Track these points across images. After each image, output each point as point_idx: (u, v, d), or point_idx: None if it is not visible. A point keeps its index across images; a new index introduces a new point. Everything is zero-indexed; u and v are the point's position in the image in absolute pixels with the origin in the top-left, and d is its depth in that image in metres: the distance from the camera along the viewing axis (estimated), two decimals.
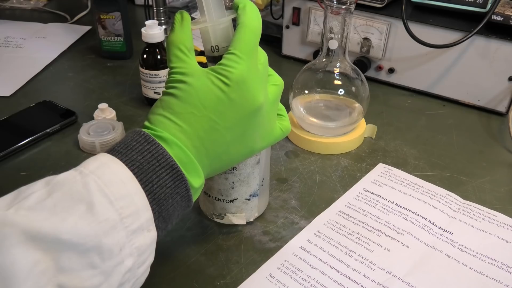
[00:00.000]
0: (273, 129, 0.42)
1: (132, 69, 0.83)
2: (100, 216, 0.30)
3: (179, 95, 0.36)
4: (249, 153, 0.41)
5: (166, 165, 0.34)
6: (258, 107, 0.38)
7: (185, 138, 0.36)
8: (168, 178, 0.34)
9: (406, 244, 0.48)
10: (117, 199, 0.31)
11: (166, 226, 0.36)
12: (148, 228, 0.32)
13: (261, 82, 0.38)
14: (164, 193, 0.34)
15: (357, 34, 0.77)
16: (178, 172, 0.34)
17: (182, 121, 0.36)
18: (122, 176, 0.32)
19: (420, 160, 0.62)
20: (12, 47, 0.91)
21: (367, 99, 0.63)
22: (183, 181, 0.35)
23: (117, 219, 0.30)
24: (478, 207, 0.53)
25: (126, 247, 0.31)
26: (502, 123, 0.71)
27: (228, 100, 0.37)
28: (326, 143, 0.62)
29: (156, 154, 0.34)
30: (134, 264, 0.31)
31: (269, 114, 0.40)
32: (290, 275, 0.45)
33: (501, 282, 0.44)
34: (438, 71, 0.74)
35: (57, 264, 0.28)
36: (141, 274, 0.33)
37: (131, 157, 0.33)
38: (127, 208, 0.31)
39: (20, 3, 1.13)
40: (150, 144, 0.34)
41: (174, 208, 0.35)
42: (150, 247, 0.33)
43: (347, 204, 0.54)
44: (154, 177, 0.33)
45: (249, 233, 0.50)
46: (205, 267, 0.46)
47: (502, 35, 0.68)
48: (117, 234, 0.30)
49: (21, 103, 0.72)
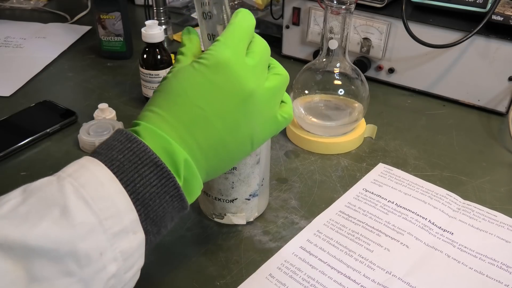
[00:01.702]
0: (274, 117, 0.40)
1: (132, 69, 0.83)
2: (75, 220, 0.28)
3: (163, 87, 0.36)
4: (249, 144, 0.38)
5: (149, 162, 0.32)
6: (248, 94, 0.36)
7: (169, 129, 0.34)
8: (153, 177, 0.32)
9: (406, 244, 0.48)
10: (95, 201, 0.29)
11: (159, 230, 0.33)
12: (133, 230, 0.30)
13: (252, 69, 0.36)
14: (149, 193, 0.31)
15: (357, 34, 0.77)
16: (163, 169, 0.32)
17: (166, 111, 0.34)
18: (101, 176, 0.30)
19: (420, 160, 0.62)
20: (12, 47, 0.91)
21: (367, 99, 0.63)
22: (170, 179, 0.32)
23: (95, 222, 0.28)
24: (478, 207, 0.53)
25: (108, 251, 0.29)
26: (502, 123, 0.71)
27: (211, 84, 0.35)
28: (326, 143, 0.62)
29: (138, 152, 0.32)
30: (119, 269, 0.30)
31: (268, 102, 0.38)
32: (290, 275, 0.45)
33: (501, 282, 0.44)
34: (438, 71, 0.74)
35: (29, 273, 0.26)
36: (129, 279, 0.31)
37: (111, 156, 0.31)
38: (106, 210, 0.29)
39: (20, 3, 1.13)
40: (131, 142, 0.32)
41: (164, 209, 0.33)
42: (137, 250, 0.31)
43: (347, 204, 0.54)
44: (136, 176, 0.31)
45: (249, 233, 0.50)
46: (205, 267, 0.46)
47: (502, 35, 0.68)
48: (96, 238, 0.28)
49: (21, 103, 0.72)
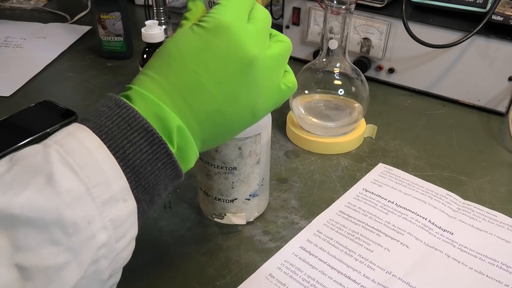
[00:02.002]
0: (277, 87, 0.38)
1: (132, 69, 0.83)
2: (61, 187, 0.27)
3: (160, 50, 0.34)
4: (251, 115, 0.36)
5: (140, 128, 0.30)
6: (249, 60, 0.34)
7: (162, 93, 0.32)
8: (143, 143, 0.30)
9: (406, 244, 0.48)
10: (82, 168, 0.28)
11: (152, 199, 0.32)
12: (124, 198, 0.29)
13: (254, 34, 0.35)
14: (140, 160, 0.30)
15: (357, 34, 0.77)
16: (154, 136, 0.30)
17: (159, 74, 0.33)
18: (88, 143, 0.29)
19: (420, 160, 0.62)
20: (12, 47, 0.91)
21: (367, 99, 0.63)
22: (161, 145, 0.31)
23: (82, 190, 0.27)
24: (478, 207, 0.53)
25: (96, 220, 0.28)
26: (502, 123, 0.71)
27: (209, 48, 0.33)
28: (326, 143, 0.62)
29: (127, 118, 0.30)
30: (110, 238, 0.28)
31: (271, 71, 0.36)
32: (290, 275, 0.45)
33: (501, 282, 0.44)
34: (438, 71, 0.74)
35: (13, 242, 0.25)
36: (122, 248, 0.30)
37: (99, 123, 0.30)
38: (94, 178, 0.28)
39: (20, 3, 1.13)
40: (121, 107, 0.31)
41: (156, 176, 0.31)
42: (129, 219, 0.30)
43: (347, 204, 0.54)
44: (125, 143, 0.30)
45: (249, 233, 0.50)
46: (205, 267, 0.46)
47: (502, 35, 0.68)
48: (84, 206, 0.27)
49: (21, 103, 0.72)
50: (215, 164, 0.46)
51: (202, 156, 0.47)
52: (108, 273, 0.29)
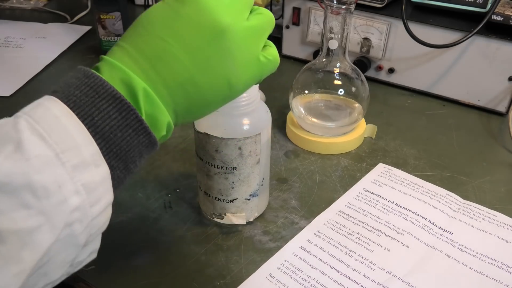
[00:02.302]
0: (256, 59, 0.37)
1: None
2: (29, 153, 0.27)
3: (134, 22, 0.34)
4: (226, 86, 0.35)
5: (107, 96, 0.30)
6: (221, 29, 0.33)
7: (130, 61, 0.32)
8: (112, 110, 0.30)
9: (406, 244, 0.48)
10: (51, 134, 0.28)
11: (126, 166, 0.32)
12: (95, 163, 0.29)
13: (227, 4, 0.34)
14: (109, 126, 0.30)
15: (357, 34, 0.77)
16: (122, 102, 0.31)
17: (129, 43, 0.33)
18: (57, 111, 0.29)
19: (420, 160, 0.62)
20: (12, 47, 0.91)
21: (367, 99, 0.63)
22: (130, 111, 0.31)
23: (51, 155, 0.28)
24: (478, 207, 0.53)
25: (67, 184, 0.28)
26: (502, 123, 0.71)
27: (178, 15, 0.33)
28: (326, 143, 0.62)
29: (95, 87, 0.31)
30: (83, 202, 0.29)
31: (247, 42, 0.35)
32: (290, 275, 0.45)
33: (501, 282, 0.44)
34: (438, 71, 0.74)
35: None
36: (98, 214, 0.30)
37: (68, 93, 0.30)
38: (63, 143, 0.28)
39: (20, 3, 1.13)
40: (88, 77, 0.31)
41: (128, 143, 0.31)
42: (102, 184, 0.30)
43: (347, 204, 0.54)
44: (94, 110, 0.30)
45: (249, 233, 0.50)
46: (205, 267, 0.46)
47: (502, 35, 0.68)
48: (53, 171, 0.28)
49: (21, 103, 0.71)
50: (215, 164, 0.46)
51: (202, 156, 0.47)
52: (84, 238, 0.30)
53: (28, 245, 0.27)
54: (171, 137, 0.64)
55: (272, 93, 0.75)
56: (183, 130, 0.66)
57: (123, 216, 0.51)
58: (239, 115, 0.45)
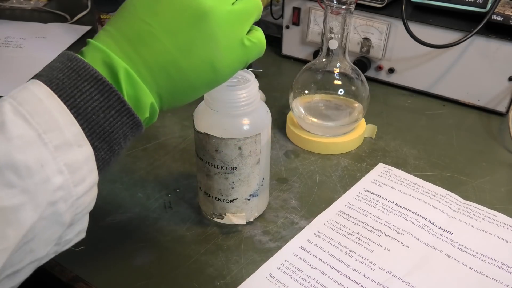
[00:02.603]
0: (240, 43, 0.36)
1: None
2: (12, 133, 0.28)
3: (119, 7, 0.35)
4: (210, 70, 0.35)
5: (89, 77, 0.31)
6: (203, 12, 0.34)
7: (113, 43, 0.33)
8: (94, 91, 0.31)
9: (406, 244, 0.48)
10: (33, 116, 0.29)
11: (111, 147, 0.33)
12: (78, 143, 0.30)
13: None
14: (91, 107, 0.31)
15: (357, 34, 0.77)
16: (104, 83, 0.31)
17: (112, 26, 0.34)
18: (40, 94, 0.30)
19: (420, 160, 0.62)
20: (12, 47, 0.91)
21: (367, 99, 0.63)
22: (112, 92, 0.31)
23: (34, 135, 0.28)
24: (478, 207, 0.53)
25: (50, 163, 0.29)
26: (502, 123, 0.71)
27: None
28: (326, 143, 0.62)
29: (77, 69, 0.31)
30: (66, 182, 0.29)
31: (231, 25, 0.35)
32: (290, 275, 0.45)
33: (501, 282, 0.44)
34: (438, 71, 0.74)
35: None
36: (83, 193, 0.31)
37: (51, 76, 0.31)
38: (45, 124, 0.29)
39: (20, 3, 1.13)
40: (71, 61, 0.31)
41: (111, 124, 0.32)
42: (86, 164, 0.31)
43: (347, 204, 0.54)
44: (76, 92, 0.31)
45: (249, 233, 0.50)
46: (205, 267, 0.46)
47: (502, 35, 0.68)
48: (36, 150, 0.28)
49: None
50: (215, 164, 0.46)
51: (202, 156, 0.47)
52: (69, 216, 0.30)
53: (12, 223, 0.28)
54: (171, 137, 0.65)
55: (272, 93, 0.75)
56: (183, 130, 0.67)
57: (123, 216, 0.51)
58: (239, 115, 0.45)
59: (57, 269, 0.45)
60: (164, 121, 0.69)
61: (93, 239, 0.48)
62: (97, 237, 0.48)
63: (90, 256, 0.46)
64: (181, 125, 0.68)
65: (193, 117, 0.47)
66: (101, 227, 0.50)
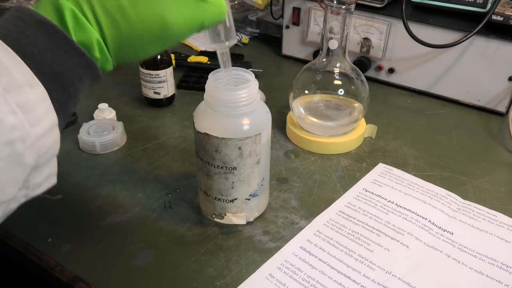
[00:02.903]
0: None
1: (132, 69, 0.83)
2: None
3: None
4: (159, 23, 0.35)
5: (35, 22, 0.32)
6: None
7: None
8: (40, 34, 0.32)
9: (406, 244, 0.48)
10: None
11: (65, 89, 0.33)
12: (28, 84, 0.30)
13: None
14: (38, 49, 0.31)
15: (357, 34, 0.77)
16: (49, 25, 0.32)
17: None
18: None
19: (420, 160, 0.62)
20: None
21: (367, 99, 0.63)
22: (58, 32, 0.32)
23: None
24: (478, 207, 0.53)
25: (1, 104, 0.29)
26: (502, 123, 0.71)
27: None
28: (326, 143, 0.62)
29: (23, 17, 0.32)
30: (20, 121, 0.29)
31: None
32: (290, 275, 0.45)
33: (501, 282, 0.44)
34: (438, 71, 0.74)
35: None
36: (42, 134, 0.31)
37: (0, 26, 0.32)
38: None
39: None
40: (18, 11, 0.32)
41: (61, 65, 0.32)
42: (41, 105, 0.31)
43: (347, 204, 0.54)
44: (20, 36, 0.31)
45: (249, 233, 0.50)
46: (205, 267, 0.46)
47: (502, 35, 0.68)
48: None
49: None
50: (215, 164, 0.46)
51: (202, 156, 0.47)
52: (32, 157, 0.30)
53: None
54: (171, 137, 0.65)
55: (272, 93, 0.75)
56: (183, 130, 0.67)
57: (123, 216, 0.51)
58: (239, 115, 0.45)
59: (57, 269, 0.45)
60: (164, 121, 0.69)
61: (93, 239, 0.48)
62: (97, 237, 0.48)
63: (90, 256, 0.46)
64: (181, 125, 0.68)
65: (193, 117, 0.47)
66: (101, 227, 0.50)
